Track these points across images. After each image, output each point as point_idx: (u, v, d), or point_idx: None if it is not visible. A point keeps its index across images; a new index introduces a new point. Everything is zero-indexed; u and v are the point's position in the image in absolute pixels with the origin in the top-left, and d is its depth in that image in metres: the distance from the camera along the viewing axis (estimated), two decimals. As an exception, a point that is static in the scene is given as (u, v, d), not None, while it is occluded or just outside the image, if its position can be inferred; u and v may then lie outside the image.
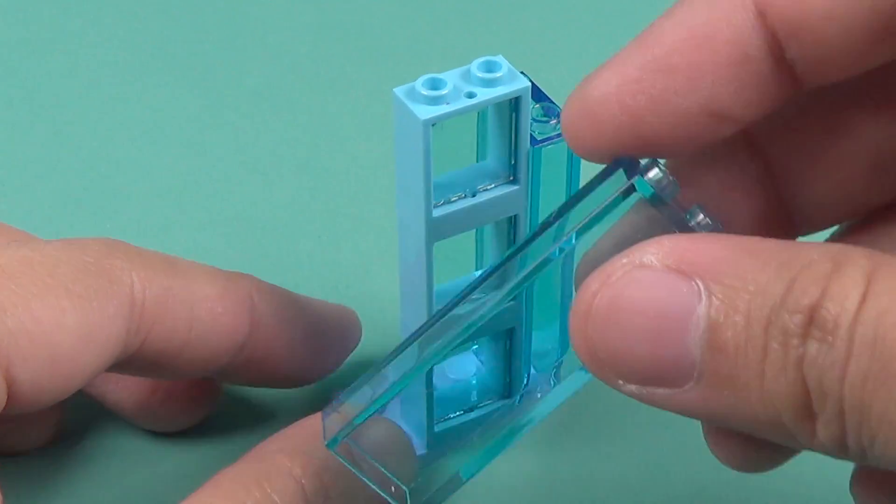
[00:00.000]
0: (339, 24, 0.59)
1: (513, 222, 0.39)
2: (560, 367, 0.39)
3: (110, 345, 0.37)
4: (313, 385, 0.44)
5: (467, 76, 0.37)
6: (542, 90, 0.39)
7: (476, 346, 0.44)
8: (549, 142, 0.38)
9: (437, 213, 0.38)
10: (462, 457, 0.39)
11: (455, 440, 0.42)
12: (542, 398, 0.38)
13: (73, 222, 0.50)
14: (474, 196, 0.38)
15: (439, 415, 0.42)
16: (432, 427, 0.42)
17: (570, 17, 0.60)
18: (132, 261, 0.38)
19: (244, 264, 0.45)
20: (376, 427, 0.37)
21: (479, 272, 0.42)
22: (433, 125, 0.36)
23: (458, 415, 0.43)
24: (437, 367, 0.44)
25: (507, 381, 0.43)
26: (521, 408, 0.39)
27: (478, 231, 0.41)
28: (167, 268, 0.39)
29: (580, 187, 0.34)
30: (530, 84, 0.37)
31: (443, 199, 0.38)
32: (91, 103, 0.56)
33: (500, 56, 0.37)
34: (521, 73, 0.37)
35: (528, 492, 0.42)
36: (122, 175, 0.53)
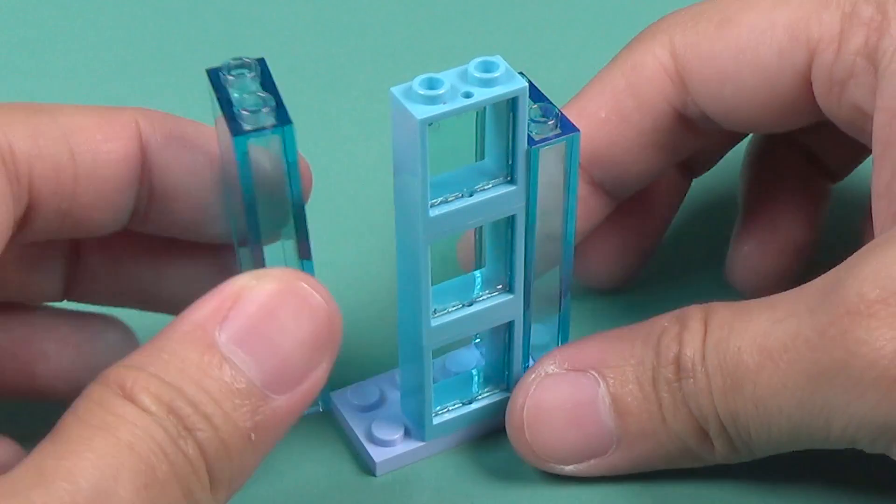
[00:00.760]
0: (336, 24, 0.59)
1: (510, 222, 0.39)
2: None
3: (4, 211, 0.35)
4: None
5: (465, 76, 0.37)
6: (540, 90, 0.39)
7: (478, 340, 0.44)
8: (547, 142, 0.38)
9: (433, 213, 0.38)
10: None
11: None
12: None
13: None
14: (471, 196, 0.38)
15: (438, 406, 0.42)
16: (431, 419, 0.42)
17: (567, 18, 0.60)
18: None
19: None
20: None
21: (478, 272, 0.42)
22: (430, 125, 0.36)
23: (456, 406, 0.43)
24: (438, 360, 0.44)
25: (506, 373, 0.43)
26: None
27: (475, 230, 0.41)
28: (28, 109, 0.37)
29: None
30: (528, 84, 0.37)
31: (440, 199, 0.38)
32: (91, 103, 0.55)
33: (498, 56, 0.37)
34: (520, 73, 0.37)
35: (528, 491, 0.42)
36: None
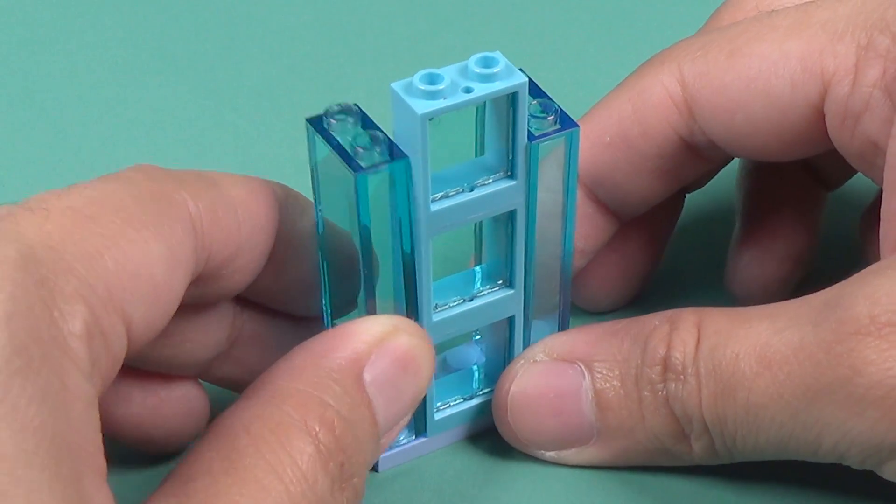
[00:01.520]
0: (337, 21, 0.59)
1: (510, 217, 0.39)
2: None
3: (189, 266, 0.36)
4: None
5: (465, 71, 0.37)
6: (539, 86, 0.39)
7: (478, 336, 0.44)
8: (547, 137, 0.38)
9: (434, 208, 0.38)
10: None
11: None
12: None
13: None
14: (472, 191, 0.38)
15: (440, 402, 0.43)
16: (433, 414, 0.42)
17: (565, 13, 0.60)
18: (175, 181, 0.37)
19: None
20: None
21: (477, 267, 0.42)
22: (430, 120, 0.36)
23: (458, 402, 0.43)
24: (438, 356, 0.44)
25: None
26: None
27: (476, 226, 0.42)
28: (201, 179, 0.38)
29: None
30: (528, 79, 0.37)
31: (440, 194, 0.38)
32: (91, 103, 0.56)
33: (498, 52, 0.37)
34: (518, 69, 0.37)
35: (530, 487, 0.42)
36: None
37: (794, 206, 0.47)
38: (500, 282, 0.41)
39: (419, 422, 0.42)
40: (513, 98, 0.37)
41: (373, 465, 0.42)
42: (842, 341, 0.37)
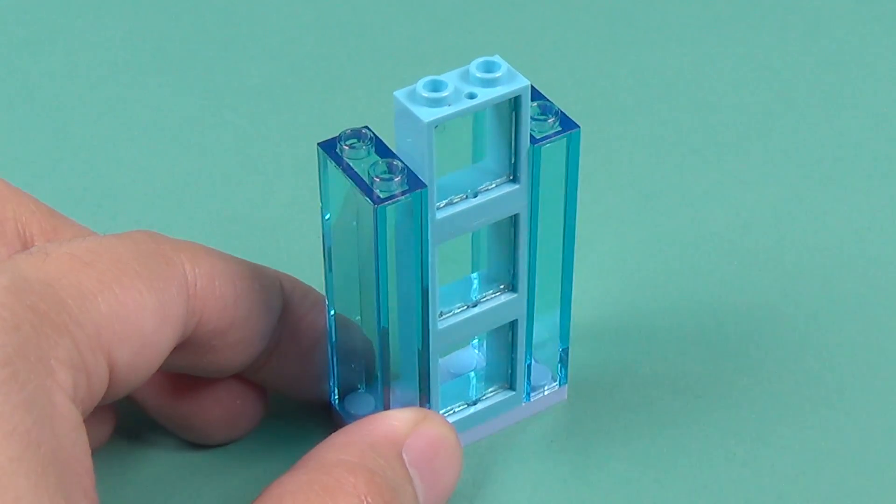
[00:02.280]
0: (336, 25, 0.59)
1: (513, 221, 0.39)
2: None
3: (178, 324, 0.37)
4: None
5: (466, 77, 0.37)
6: (537, 88, 0.39)
7: (476, 340, 0.44)
8: (548, 140, 0.38)
9: (440, 216, 0.38)
10: None
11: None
12: None
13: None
14: (476, 196, 0.38)
15: (441, 409, 0.43)
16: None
17: (560, 17, 0.60)
18: (174, 245, 0.38)
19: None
20: None
21: (475, 274, 0.42)
22: (436, 127, 0.36)
23: (461, 408, 0.43)
24: (440, 362, 0.44)
25: (509, 371, 0.43)
26: None
27: (475, 231, 0.41)
28: (203, 250, 0.39)
29: None
30: (530, 83, 0.37)
31: (445, 201, 0.38)
32: (91, 103, 0.56)
33: (498, 56, 0.37)
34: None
35: (535, 491, 0.42)
36: (122, 175, 0.53)
37: None
38: (502, 286, 0.41)
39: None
40: (515, 102, 0.37)
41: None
42: None
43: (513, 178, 0.39)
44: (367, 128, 0.38)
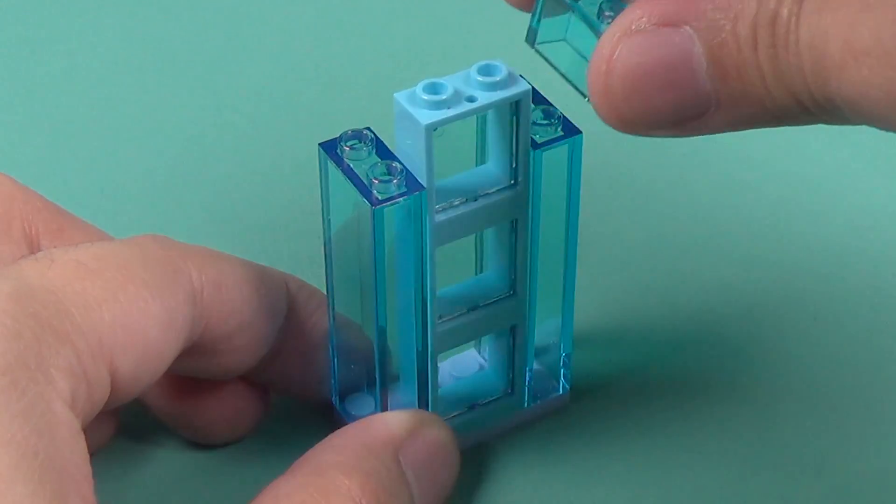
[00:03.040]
0: (337, 26, 0.59)
1: (514, 226, 0.39)
2: None
3: (183, 332, 0.37)
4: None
5: (467, 80, 0.37)
6: (541, 93, 0.39)
7: (479, 344, 0.44)
8: (551, 145, 0.38)
9: (439, 218, 0.38)
10: None
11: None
12: None
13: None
14: (476, 200, 0.38)
15: (442, 412, 0.43)
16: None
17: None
18: (182, 251, 0.38)
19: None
20: None
21: (477, 277, 0.42)
22: (435, 130, 0.36)
23: (461, 411, 0.43)
24: (441, 365, 0.44)
25: (510, 376, 0.43)
26: None
27: (477, 235, 0.41)
28: (211, 256, 0.39)
29: None
30: (531, 87, 0.37)
31: (444, 204, 0.38)
32: (91, 103, 0.56)
33: (500, 60, 0.37)
34: (520, 76, 0.37)
35: (528, 491, 0.42)
36: (122, 175, 0.53)
37: None
38: (503, 290, 0.41)
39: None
40: (516, 106, 0.37)
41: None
42: None
43: (513, 182, 0.39)
44: (369, 129, 0.38)
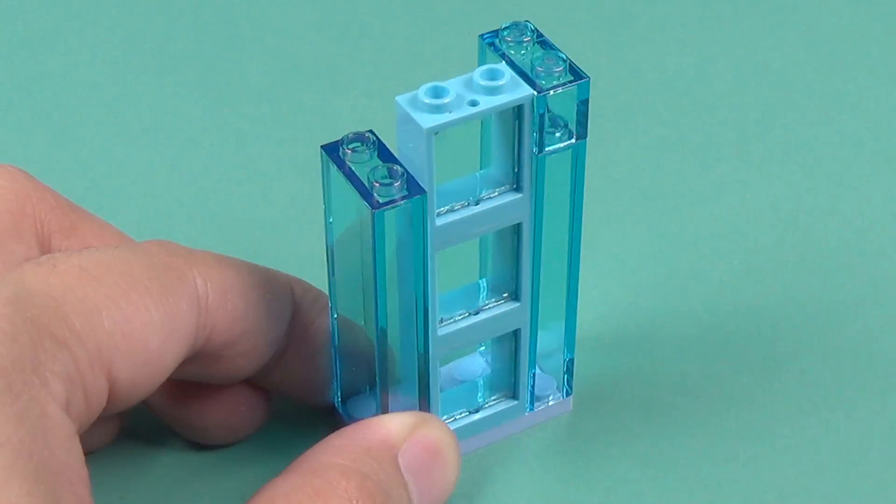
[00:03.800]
0: (339, 28, 0.59)
1: (517, 230, 0.39)
2: None
3: (186, 340, 0.37)
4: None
5: (470, 84, 0.37)
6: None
7: (483, 348, 0.44)
8: (554, 151, 0.38)
9: (440, 222, 0.38)
10: None
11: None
12: None
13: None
14: (478, 204, 0.38)
15: (444, 416, 0.43)
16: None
17: (563, 18, 0.60)
18: (187, 258, 0.38)
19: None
20: None
21: (479, 281, 0.42)
22: (436, 133, 0.36)
23: (463, 415, 0.43)
24: (444, 369, 0.44)
25: (513, 381, 0.43)
26: None
27: (481, 239, 0.41)
28: (218, 262, 0.39)
29: None
30: (534, 92, 0.37)
31: (446, 208, 0.38)
32: (91, 103, 0.56)
33: (503, 64, 0.37)
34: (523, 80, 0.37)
35: (529, 495, 0.42)
36: (122, 175, 0.53)
37: None
38: (505, 295, 0.41)
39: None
40: (518, 111, 0.37)
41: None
42: None
43: (516, 186, 0.39)
44: (371, 132, 0.38)
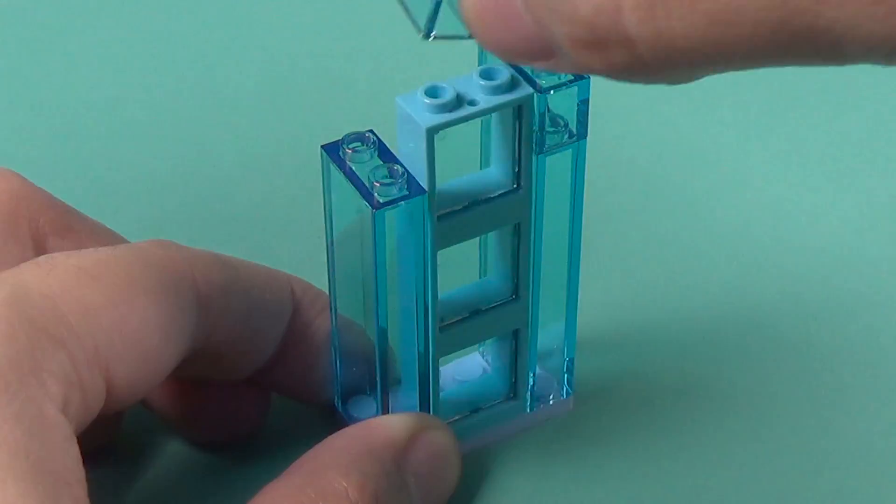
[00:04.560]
0: (339, 28, 0.59)
1: (517, 229, 0.39)
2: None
3: (185, 340, 0.37)
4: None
5: (469, 83, 0.37)
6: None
7: (482, 348, 0.44)
8: (554, 150, 0.38)
9: (440, 222, 0.38)
10: None
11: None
12: None
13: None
14: (478, 204, 0.38)
15: (444, 416, 0.43)
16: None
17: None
18: (187, 258, 0.38)
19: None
20: None
21: (480, 281, 0.42)
22: (436, 133, 0.36)
23: (464, 415, 0.43)
24: (444, 369, 0.44)
25: (512, 381, 0.43)
26: None
27: (481, 239, 0.41)
28: (218, 261, 0.39)
29: None
30: (534, 92, 0.37)
31: (446, 208, 0.38)
32: (91, 103, 0.56)
33: (503, 63, 0.37)
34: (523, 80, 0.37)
35: (529, 495, 0.42)
36: (122, 175, 0.53)
37: None
38: (506, 294, 0.41)
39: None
40: (519, 110, 0.37)
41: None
42: None
43: (516, 186, 0.39)
44: (372, 131, 0.38)
